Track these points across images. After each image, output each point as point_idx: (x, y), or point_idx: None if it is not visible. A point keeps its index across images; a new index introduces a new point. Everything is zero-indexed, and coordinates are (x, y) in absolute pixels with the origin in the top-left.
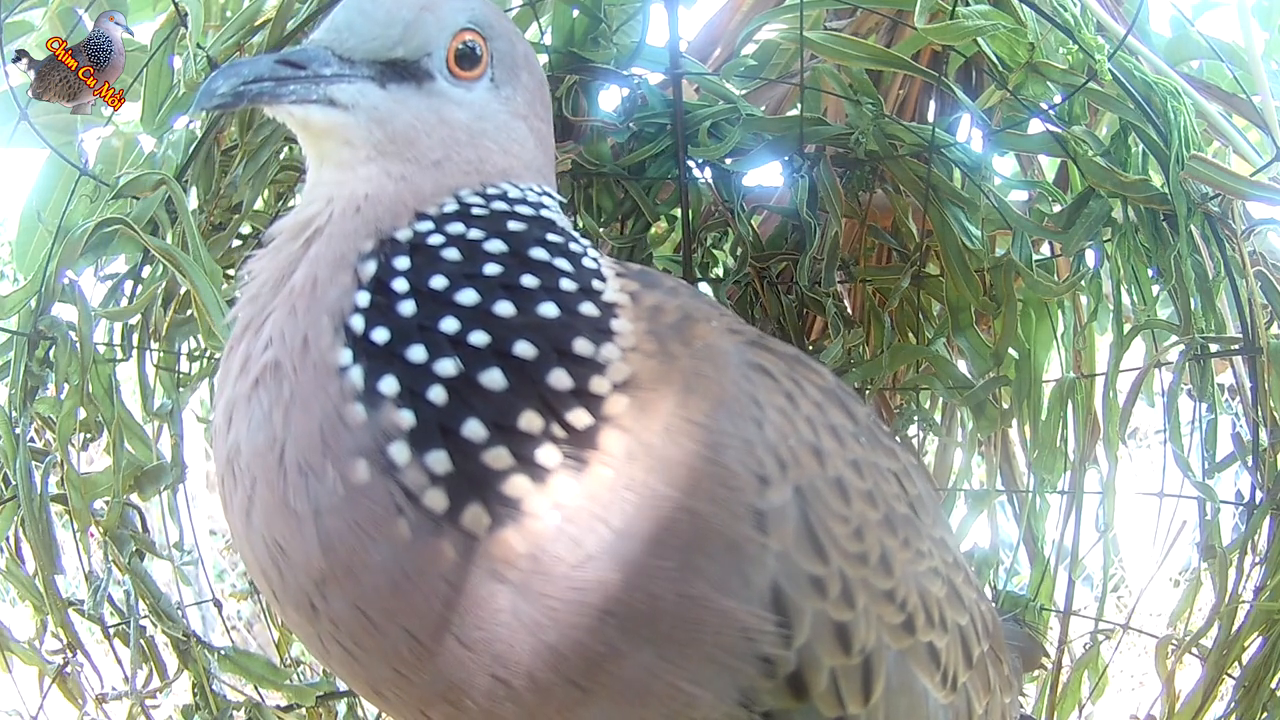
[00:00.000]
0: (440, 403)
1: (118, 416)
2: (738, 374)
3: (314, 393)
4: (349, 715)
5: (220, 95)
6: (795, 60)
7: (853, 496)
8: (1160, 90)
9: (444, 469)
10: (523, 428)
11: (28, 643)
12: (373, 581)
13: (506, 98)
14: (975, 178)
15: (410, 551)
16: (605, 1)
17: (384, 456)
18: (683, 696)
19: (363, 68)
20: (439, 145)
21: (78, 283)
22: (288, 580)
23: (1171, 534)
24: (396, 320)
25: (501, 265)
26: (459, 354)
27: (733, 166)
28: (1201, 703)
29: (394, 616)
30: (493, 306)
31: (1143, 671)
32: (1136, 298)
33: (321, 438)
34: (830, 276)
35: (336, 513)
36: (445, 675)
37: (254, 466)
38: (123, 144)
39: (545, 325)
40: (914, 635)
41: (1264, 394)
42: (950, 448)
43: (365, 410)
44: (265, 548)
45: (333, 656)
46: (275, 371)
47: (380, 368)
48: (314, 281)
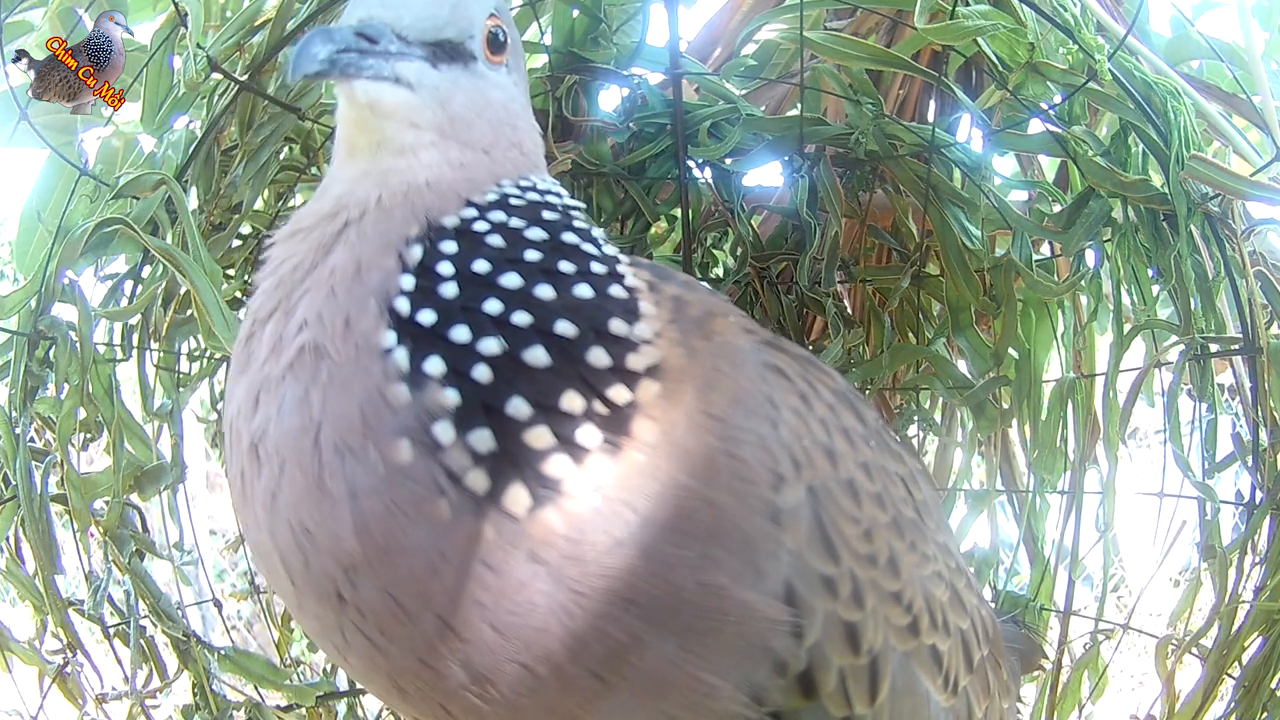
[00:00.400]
0: (485, 381)
1: (118, 416)
2: (754, 373)
3: (355, 374)
4: (349, 715)
5: (320, 62)
6: (795, 60)
7: (863, 498)
8: (1160, 90)
9: (487, 448)
10: (564, 408)
11: (28, 643)
12: (409, 565)
13: (517, 84)
14: (975, 178)
15: (450, 533)
16: (605, 1)
17: (428, 436)
18: (703, 687)
19: (417, 48)
20: (489, 129)
21: (78, 283)
22: (313, 567)
23: (1171, 534)
24: (441, 302)
25: (540, 251)
26: (502, 333)
27: (733, 166)
28: (1201, 703)
29: (428, 601)
30: (534, 289)
31: (1143, 671)
32: (1136, 298)
33: (362, 419)
34: (830, 276)
35: (375, 494)
36: (474, 664)
37: (284, 449)
38: (123, 144)
39: (582, 306)
40: (919, 637)
41: (1264, 394)
42: (950, 448)
43: (410, 391)
44: (291, 533)
45: (353, 649)
46: (314, 353)
47: (425, 349)
48: (357, 265)
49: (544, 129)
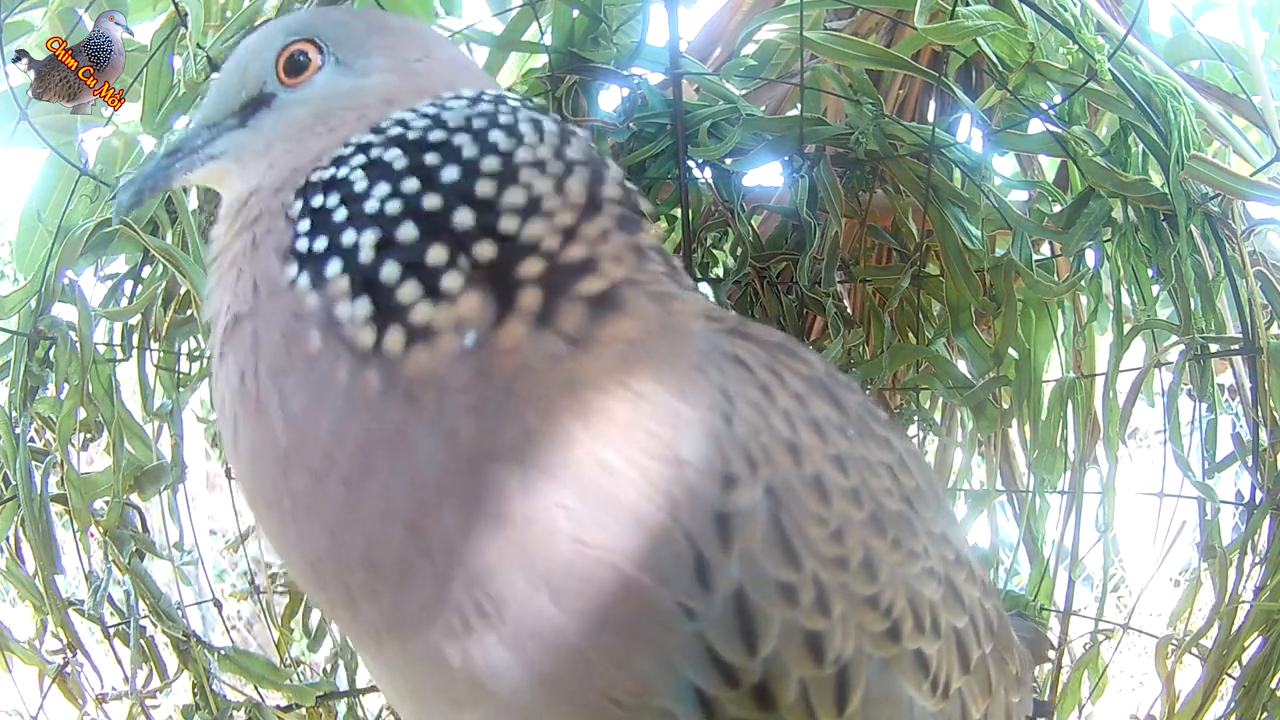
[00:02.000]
0: (366, 260)
1: (118, 416)
2: (702, 361)
3: (273, 313)
4: (349, 715)
5: (130, 199)
6: (795, 60)
7: (833, 495)
8: (1160, 90)
9: (365, 311)
10: (430, 262)
11: (28, 643)
12: (318, 437)
13: (360, 68)
14: (975, 178)
15: (348, 394)
16: (605, 1)
17: (331, 319)
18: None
19: (226, 122)
20: (291, 136)
21: (78, 283)
22: (260, 479)
23: (1171, 534)
24: (332, 224)
25: (406, 156)
26: (379, 223)
27: (733, 166)
28: (1201, 703)
29: (332, 463)
30: (401, 185)
31: (1143, 671)
32: (1136, 298)
33: (284, 340)
34: (830, 276)
35: (298, 389)
36: (365, 523)
37: (233, 404)
38: (123, 144)
39: (450, 183)
40: (899, 643)
41: (1264, 394)
42: (950, 448)
43: (316, 295)
44: (249, 461)
45: (290, 543)
46: (235, 322)
47: (322, 261)
48: (252, 240)
49: None
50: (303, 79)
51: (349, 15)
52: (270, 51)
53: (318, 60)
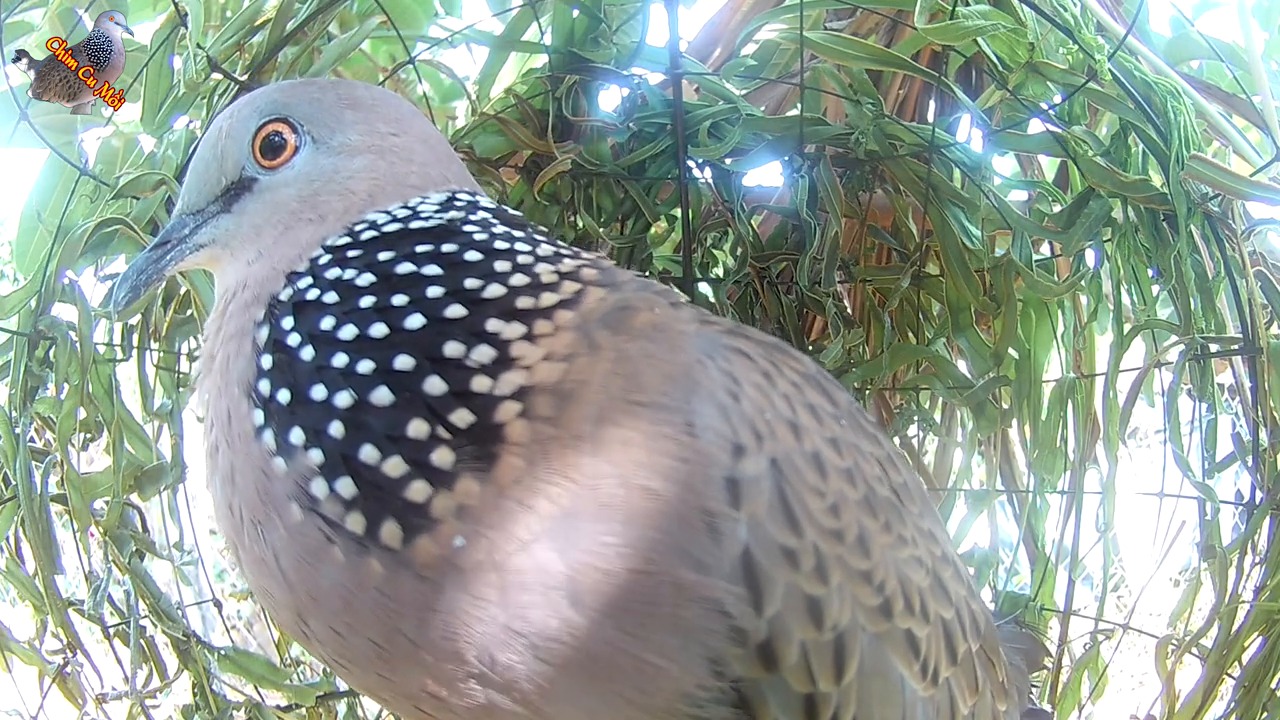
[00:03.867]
0: (339, 435)
1: (118, 416)
2: (704, 353)
3: (244, 459)
4: (349, 715)
5: (125, 296)
6: (795, 60)
7: (830, 473)
8: (1160, 90)
9: (351, 493)
10: (412, 435)
11: (28, 643)
12: (329, 604)
13: (338, 146)
14: (975, 178)
15: (348, 572)
16: (605, 1)
17: (307, 495)
18: (650, 669)
19: (210, 208)
20: (280, 222)
21: (78, 283)
22: (280, 616)
23: (1171, 534)
24: (297, 368)
25: (373, 295)
26: (350, 385)
27: (733, 166)
28: (1201, 703)
29: (355, 630)
30: (369, 331)
31: (1143, 671)
32: (1136, 298)
33: (258, 494)
34: (830, 276)
35: (287, 551)
36: (414, 673)
37: (227, 530)
38: (123, 144)
39: (414, 338)
40: (891, 620)
41: (1264, 394)
42: (950, 448)
43: (284, 461)
44: (261, 593)
45: (337, 668)
46: (216, 449)
47: (287, 421)
48: (226, 359)
49: (544, 129)
50: (281, 160)
51: (318, 89)
52: (245, 134)
53: (293, 140)
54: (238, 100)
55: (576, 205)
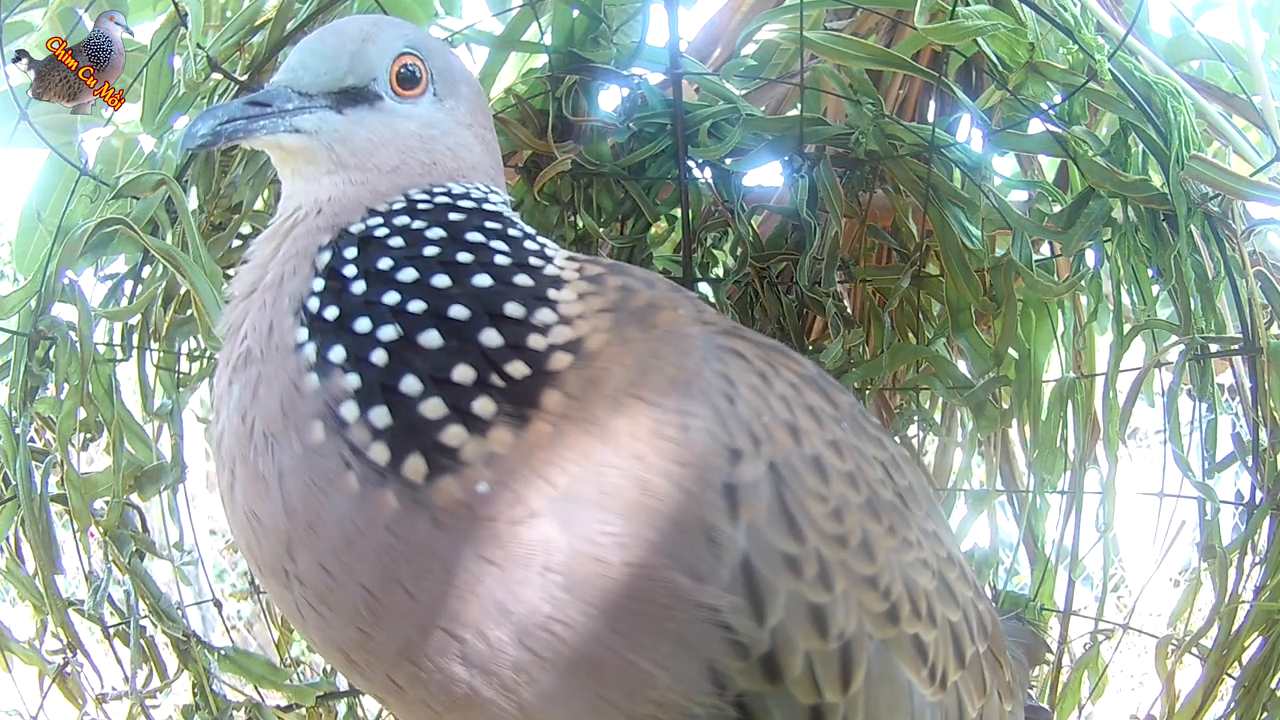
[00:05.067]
0: (381, 364)
1: (118, 416)
2: (706, 356)
3: (276, 371)
4: (349, 715)
5: (202, 136)
6: (795, 60)
7: (832, 476)
8: (1160, 90)
9: (384, 423)
10: (457, 379)
11: (28, 643)
12: (329, 537)
13: (450, 109)
14: (975, 178)
15: (359, 504)
16: (605, 1)
17: (335, 417)
18: (638, 673)
19: (320, 99)
20: (395, 153)
21: (78, 283)
22: (264, 547)
23: (1171, 534)
24: (347, 298)
25: (439, 247)
26: (399, 321)
27: (733, 166)
28: (1201, 703)
29: (350, 571)
30: (430, 279)
31: (1143, 671)
32: (1136, 298)
33: (281, 408)
34: (830, 276)
35: (296, 473)
36: (400, 631)
37: (232, 447)
38: (123, 144)
39: (479, 293)
40: (898, 625)
41: (1264, 394)
42: (950, 448)
43: (318, 378)
44: (246, 520)
45: (308, 622)
46: (246, 358)
47: (330, 340)
48: (280, 277)
49: (544, 129)
50: (412, 93)
51: (446, 52)
52: (389, 50)
53: (425, 83)
54: (372, 15)
55: (576, 205)
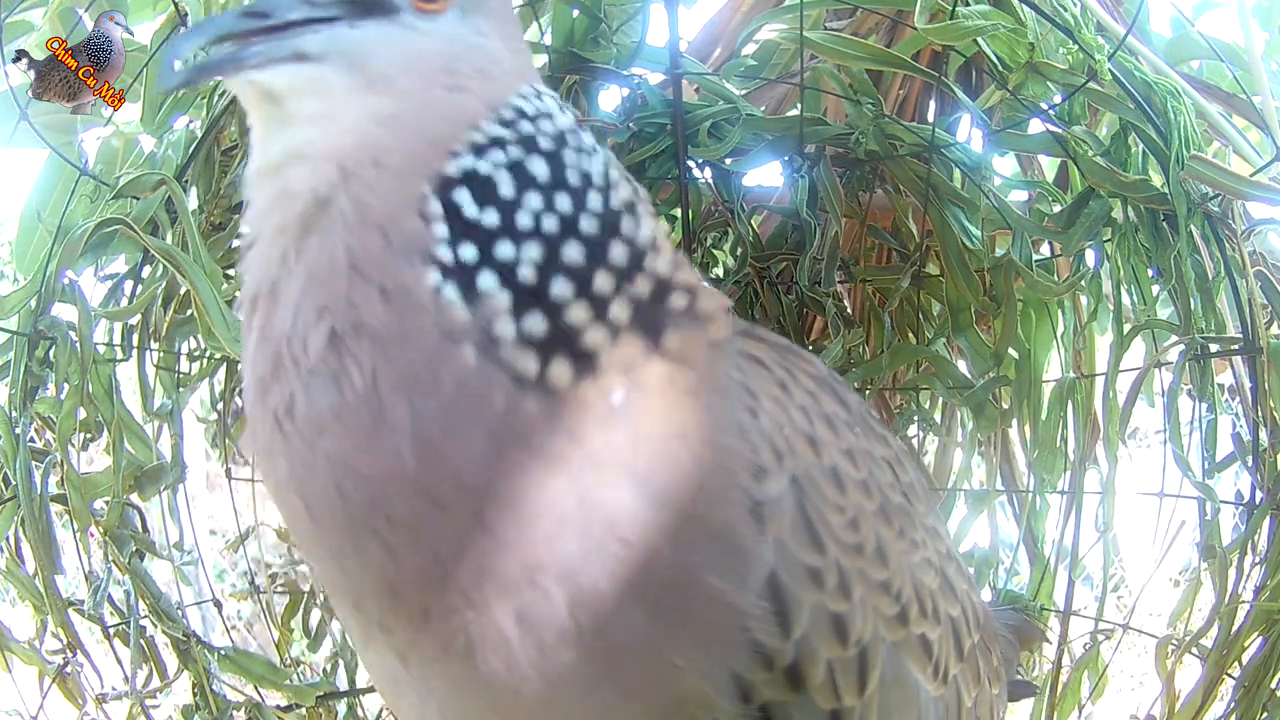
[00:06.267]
0: (530, 279)
1: (118, 416)
2: (730, 362)
3: (407, 332)
4: (349, 715)
5: (181, 72)
6: (795, 60)
7: (848, 486)
8: (1160, 90)
9: (542, 330)
10: (598, 288)
11: (28, 643)
12: (462, 461)
13: (477, 25)
14: (975, 178)
15: (501, 419)
16: (605, 1)
17: (488, 338)
18: (667, 667)
19: (330, 9)
20: (417, 80)
21: (78, 283)
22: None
23: (1171, 534)
24: (479, 234)
25: (552, 173)
26: (539, 239)
27: (733, 166)
28: (1201, 703)
29: (469, 493)
30: (555, 203)
31: (1143, 671)
32: (1136, 298)
33: (425, 360)
34: (830, 276)
35: (441, 412)
36: (484, 559)
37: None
38: (123, 144)
39: (597, 215)
40: (907, 627)
41: (1264, 394)
42: (950, 448)
43: (467, 309)
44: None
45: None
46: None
47: (472, 274)
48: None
49: None
50: (435, 7)
51: None
52: None
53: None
54: None
55: None
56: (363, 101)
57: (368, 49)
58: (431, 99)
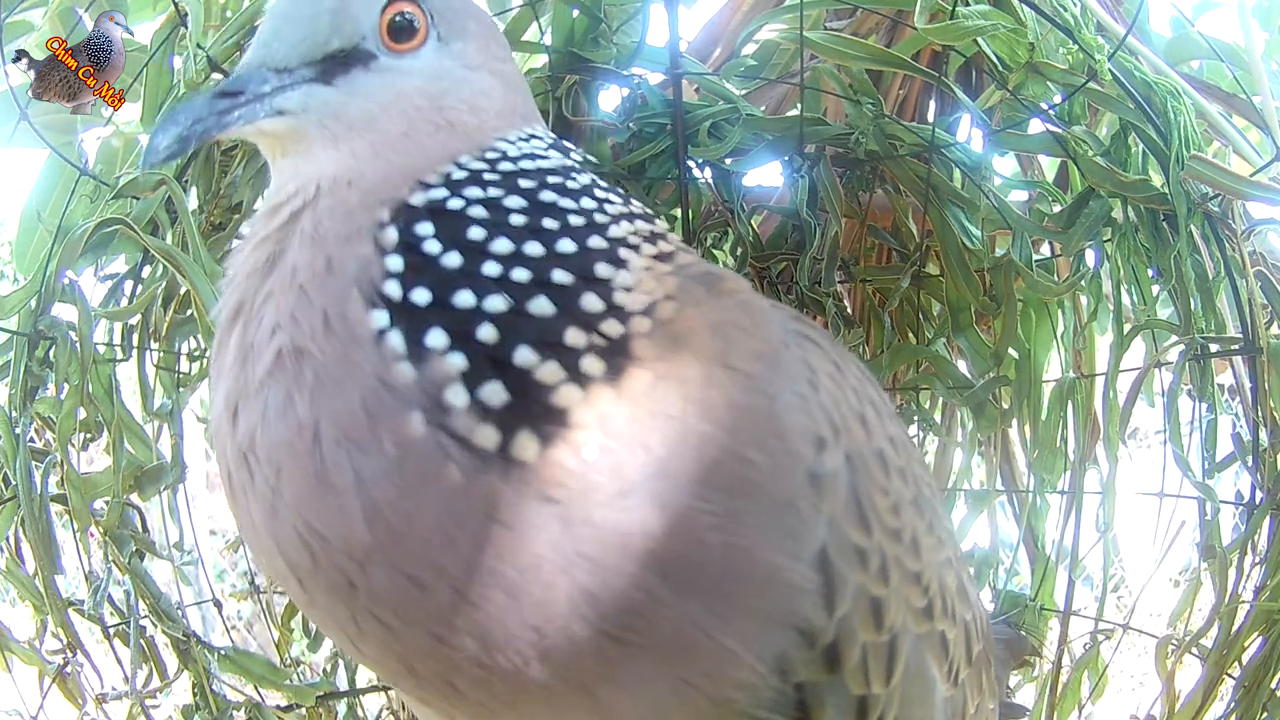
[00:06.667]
0: (491, 339)
1: (118, 416)
2: (783, 336)
3: (346, 369)
4: (349, 715)
5: (166, 148)
6: (795, 60)
7: (891, 472)
8: (1160, 90)
9: (501, 400)
10: (569, 343)
11: (28, 643)
12: (422, 539)
13: (459, 52)
14: (975, 178)
15: (462, 496)
16: (605, 1)
17: (438, 405)
18: (726, 654)
19: (303, 71)
20: (400, 117)
21: (78, 283)
22: (322, 563)
23: (1171, 534)
24: (438, 275)
25: (525, 216)
26: (505, 291)
27: (733, 166)
28: (1201, 703)
29: (442, 573)
30: (524, 248)
31: (1143, 671)
32: (1136, 298)
33: (364, 408)
34: (830, 276)
35: (384, 477)
36: (485, 632)
37: (277, 456)
38: (123, 144)
39: (569, 257)
40: (932, 621)
41: (1264, 394)
42: (950, 448)
43: (412, 367)
44: (296, 535)
45: (367, 636)
46: (294, 356)
47: (422, 324)
48: (327, 261)
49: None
50: (408, 46)
51: None
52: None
53: (424, 30)
54: None
55: None
56: (347, 140)
57: (345, 102)
58: (414, 132)
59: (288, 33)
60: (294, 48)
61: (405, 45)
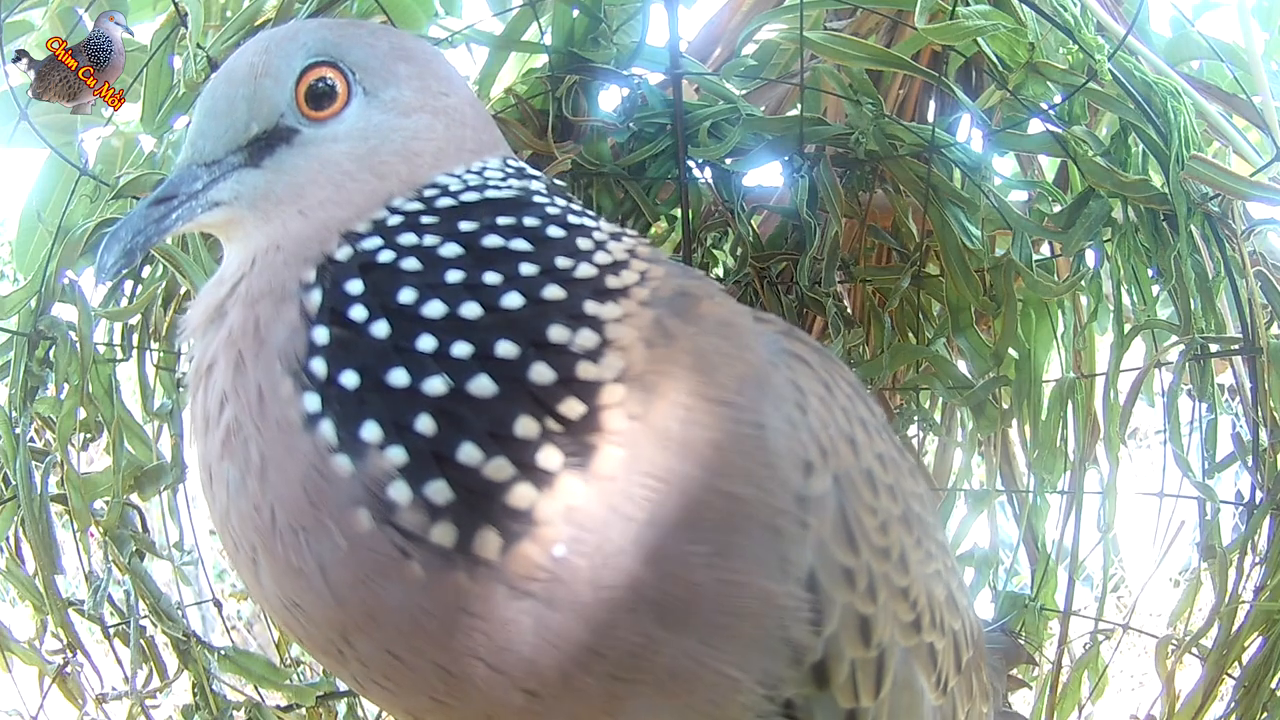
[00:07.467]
0: (430, 431)
1: (118, 416)
2: (771, 357)
3: (284, 453)
4: (349, 715)
5: (113, 266)
6: (795, 60)
7: (880, 490)
8: (1160, 90)
9: (445, 499)
10: (520, 434)
11: (28, 643)
12: (394, 624)
13: (390, 101)
14: (975, 178)
15: (427, 590)
16: (605, 1)
17: (381, 501)
18: (727, 681)
19: (231, 159)
20: (327, 183)
21: (78, 283)
22: (310, 631)
23: (1171, 534)
24: (367, 348)
25: (462, 269)
26: (443, 370)
27: (733, 166)
28: (1201, 703)
29: (422, 654)
30: (460, 310)
31: (1143, 671)
32: (1136, 298)
33: (307, 498)
34: (830, 276)
35: (343, 565)
36: (481, 698)
37: (247, 532)
38: (123, 144)
39: (514, 319)
40: (920, 634)
41: (1264, 394)
42: (950, 448)
43: (350, 460)
44: (281, 605)
45: (369, 691)
46: (238, 433)
47: (355, 412)
48: (255, 323)
49: (544, 129)
50: (330, 112)
51: (370, 34)
52: (288, 76)
53: (345, 90)
54: (270, 32)
55: None
56: (278, 214)
57: (272, 178)
58: (343, 189)
59: (210, 128)
60: (218, 140)
61: (326, 111)
